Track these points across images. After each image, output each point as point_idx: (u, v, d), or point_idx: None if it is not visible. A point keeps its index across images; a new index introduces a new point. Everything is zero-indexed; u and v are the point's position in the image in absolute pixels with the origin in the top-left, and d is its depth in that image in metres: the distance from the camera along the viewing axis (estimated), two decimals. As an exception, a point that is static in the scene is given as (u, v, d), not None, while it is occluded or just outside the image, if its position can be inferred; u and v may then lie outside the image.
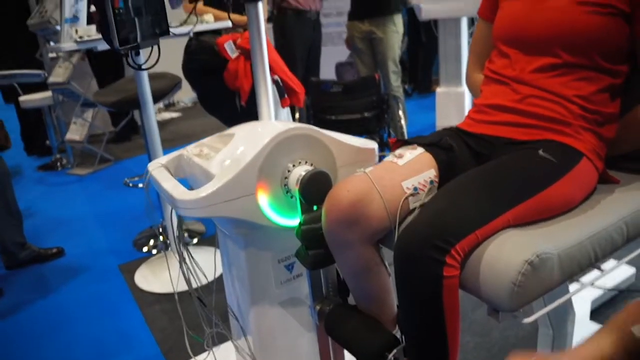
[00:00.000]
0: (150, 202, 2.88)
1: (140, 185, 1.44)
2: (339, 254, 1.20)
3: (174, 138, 5.58)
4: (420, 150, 1.22)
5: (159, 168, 1.48)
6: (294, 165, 1.30)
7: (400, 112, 3.46)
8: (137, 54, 1.45)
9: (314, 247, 1.26)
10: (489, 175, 1.11)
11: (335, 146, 1.36)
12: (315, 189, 1.24)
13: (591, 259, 1.07)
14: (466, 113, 1.40)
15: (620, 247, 1.14)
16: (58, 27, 3.50)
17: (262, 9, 1.56)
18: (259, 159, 1.26)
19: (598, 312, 2.07)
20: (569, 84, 1.22)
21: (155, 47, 1.50)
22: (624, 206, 1.16)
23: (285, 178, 1.30)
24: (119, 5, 1.17)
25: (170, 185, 1.34)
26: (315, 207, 1.27)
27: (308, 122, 3.39)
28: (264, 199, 1.30)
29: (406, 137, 3.56)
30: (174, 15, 2.05)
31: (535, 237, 1.02)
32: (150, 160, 2.51)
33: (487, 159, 1.21)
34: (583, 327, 1.89)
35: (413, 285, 1.01)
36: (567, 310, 1.57)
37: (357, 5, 3.93)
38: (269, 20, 4.43)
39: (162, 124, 6.36)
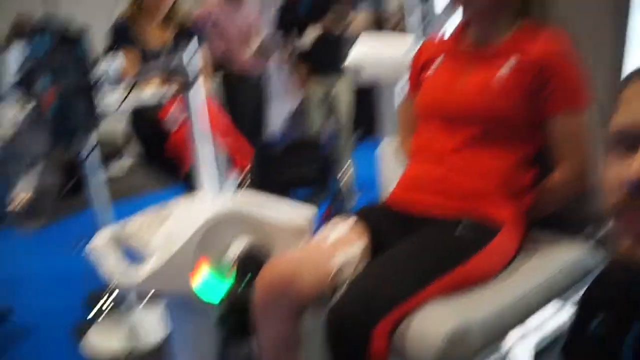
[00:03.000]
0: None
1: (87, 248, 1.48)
2: (262, 326, 1.23)
3: (127, 189, 5.52)
4: (350, 221, 1.30)
5: (102, 244, 1.52)
6: (231, 241, 1.36)
7: (344, 168, 3.58)
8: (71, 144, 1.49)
9: (239, 314, 1.29)
10: (412, 252, 1.20)
11: (268, 224, 1.43)
12: (253, 263, 1.31)
13: (511, 325, 1.17)
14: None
15: (540, 308, 1.24)
16: None
17: (200, 90, 1.62)
18: (194, 240, 1.32)
19: (543, 355, 2.12)
20: (488, 158, 1.32)
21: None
22: (542, 270, 1.27)
23: (225, 252, 1.36)
24: (50, 108, 1.22)
25: (112, 264, 1.38)
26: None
27: (254, 184, 3.46)
28: (205, 273, 1.35)
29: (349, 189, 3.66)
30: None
31: (456, 309, 1.12)
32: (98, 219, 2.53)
33: (412, 232, 1.29)
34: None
35: (343, 357, 1.08)
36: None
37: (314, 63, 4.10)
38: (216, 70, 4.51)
39: (113, 178, 6.30)
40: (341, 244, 1.24)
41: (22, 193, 4.76)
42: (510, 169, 1.33)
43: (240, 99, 4.06)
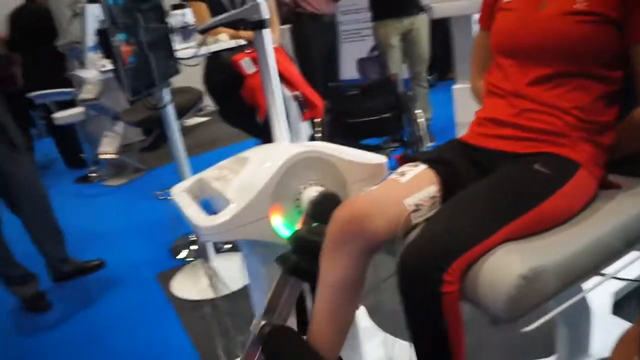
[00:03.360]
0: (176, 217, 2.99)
1: (169, 197, 1.55)
2: (330, 264, 1.22)
3: (203, 143, 5.70)
4: (422, 166, 1.28)
5: (181, 193, 1.58)
6: (305, 187, 1.38)
7: (418, 111, 3.50)
8: (150, 95, 1.55)
9: (301, 254, 1.30)
10: (487, 192, 1.16)
11: (343, 165, 1.44)
12: (324, 209, 1.31)
13: (589, 268, 1.12)
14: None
15: (621, 253, 1.18)
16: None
17: (269, 35, 1.63)
18: (271, 185, 1.34)
19: (621, 305, 2.07)
20: (565, 95, 1.25)
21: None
22: (621, 212, 1.20)
23: (297, 200, 1.38)
24: (128, 62, 1.27)
25: (191, 212, 1.43)
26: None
27: (329, 126, 3.46)
28: (278, 221, 1.38)
29: (427, 134, 3.60)
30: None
31: (531, 251, 1.08)
32: (177, 172, 2.63)
33: (488, 171, 1.27)
34: (604, 322, 1.89)
35: (415, 301, 1.09)
36: (581, 308, 1.60)
37: (390, 4, 4.07)
38: (286, 22, 4.50)
39: (191, 129, 6.51)
40: (414, 186, 1.23)
41: (107, 149, 5.02)
42: (589, 106, 1.26)
43: (313, 42, 4.04)
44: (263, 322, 1.31)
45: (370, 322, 1.98)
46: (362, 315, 1.95)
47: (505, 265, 1.04)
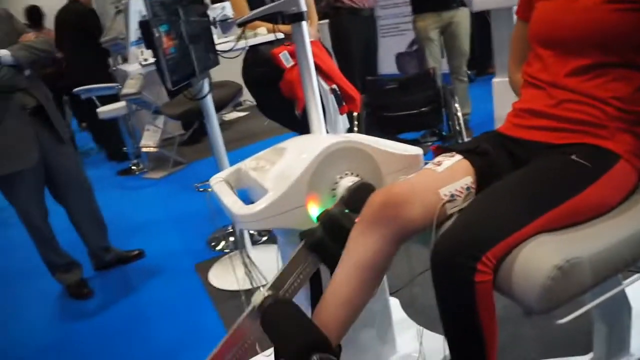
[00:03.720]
0: (214, 210, 3.04)
1: (209, 189, 1.58)
2: (360, 243, 1.22)
3: (242, 137, 5.78)
4: (457, 157, 1.28)
5: (219, 182, 1.61)
6: (341, 177, 1.40)
7: (457, 105, 3.47)
8: (190, 86, 1.58)
9: (327, 232, 1.31)
10: (523, 183, 1.16)
11: (379, 156, 1.44)
12: (359, 198, 1.33)
13: (627, 261, 1.10)
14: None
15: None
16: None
17: (306, 28, 1.65)
18: (307, 174, 1.36)
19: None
20: (604, 85, 1.24)
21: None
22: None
23: (333, 189, 1.40)
24: (169, 53, 1.31)
25: (229, 201, 1.46)
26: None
27: (366, 120, 3.46)
28: (314, 210, 1.40)
29: (465, 128, 3.57)
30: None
31: (566, 242, 1.07)
32: (216, 164, 2.68)
33: (523, 162, 1.26)
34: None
35: (448, 289, 1.09)
36: (621, 305, 1.57)
37: None
38: (324, 17, 4.52)
39: (230, 124, 6.60)
40: (450, 176, 1.23)
41: (148, 143, 5.13)
42: (630, 96, 1.23)
43: (351, 36, 4.05)
44: (267, 294, 1.27)
45: (404, 315, 1.98)
46: (396, 307, 1.96)
47: (540, 256, 1.04)
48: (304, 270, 1.33)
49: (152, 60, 2.59)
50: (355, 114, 3.53)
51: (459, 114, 3.42)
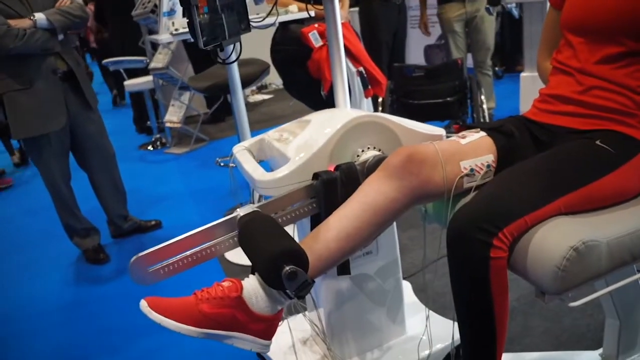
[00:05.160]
0: (236, 182, 3.06)
1: (230, 164, 1.59)
2: (375, 187, 1.20)
3: (265, 119, 5.80)
4: (482, 134, 1.28)
5: (242, 151, 1.63)
6: (362, 151, 1.40)
7: (483, 97, 3.45)
8: (222, 50, 1.60)
9: (344, 177, 1.30)
10: (544, 163, 1.15)
11: (402, 133, 1.45)
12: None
13: (641, 251, 1.10)
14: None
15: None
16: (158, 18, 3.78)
17: (338, 4, 1.65)
18: (330, 144, 1.37)
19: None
20: (634, 74, 1.23)
21: (238, 43, 1.65)
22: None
23: (355, 162, 1.40)
24: (203, 11, 1.32)
25: (251, 167, 1.48)
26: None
27: (391, 107, 3.46)
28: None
29: (490, 121, 3.54)
30: (261, 8, 2.19)
31: (584, 225, 1.07)
32: (239, 141, 2.69)
33: (547, 147, 1.26)
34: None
35: (463, 264, 1.09)
36: (635, 300, 1.56)
37: None
38: (355, 4, 4.51)
39: (253, 106, 6.63)
40: (473, 151, 1.24)
41: (172, 118, 5.18)
42: None
43: (381, 23, 4.03)
44: (252, 211, 1.24)
45: (415, 299, 1.99)
46: (407, 291, 1.97)
47: (557, 237, 1.04)
48: (306, 207, 1.31)
49: (183, 30, 2.61)
50: (380, 99, 3.54)
51: (484, 106, 3.40)
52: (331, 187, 1.29)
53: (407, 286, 1.98)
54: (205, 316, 1.08)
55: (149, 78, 5.12)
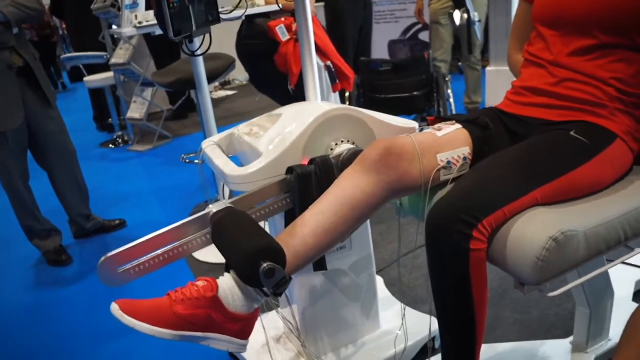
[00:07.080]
0: (205, 178, 3.01)
1: (196, 161, 1.55)
2: (352, 181, 1.17)
3: (229, 115, 5.74)
4: (457, 126, 1.28)
5: (211, 146, 1.59)
6: (336, 144, 1.38)
7: (450, 91, 3.48)
8: (191, 41, 1.56)
9: (318, 170, 1.28)
10: (520, 154, 1.15)
11: (375, 125, 1.43)
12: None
13: (620, 238, 1.10)
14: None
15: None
16: (119, 12, 3.68)
17: (309, 1, 1.62)
18: (303, 138, 1.35)
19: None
20: (606, 66, 1.24)
21: (207, 35, 1.61)
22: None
23: (329, 155, 1.38)
24: (173, 2, 1.29)
25: (222, 162, 1.44)
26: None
27: (358, 101, 3.45)
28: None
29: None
30: (227, 0, 2.15)
31: (562, 215, 1.07)
32: (205, 137, 2.64)
33: (521, 139, 1.26)
34: (624, 308, 1.89)
35: (441, 256, 1.08)
36: (605, 289, 1.59)
37: None
38: (319, -1, 4.50)
39: (217, 102, 6.55)
40: (449, 143, 1.23)
41: (134, 115, 5.07)
42: (631, 78, 1.24)
43: (347, 17, 4.02)
44: (224, 207, 1.21)
45: (387, 293, 1.99)
46: (379, 285, 1.96)
47: (535, 227, 1.03)
48: (279, 202, 1.29)
49: (146, 23, 2.54)
50: (347, 93, 3.53)
51: (451, 100, 3.43)
52: (306, 181, 1.27)
53: (379, 280, 1.97)
54: (179, 318, 1.04)
55: (110, 74, 4.99)
